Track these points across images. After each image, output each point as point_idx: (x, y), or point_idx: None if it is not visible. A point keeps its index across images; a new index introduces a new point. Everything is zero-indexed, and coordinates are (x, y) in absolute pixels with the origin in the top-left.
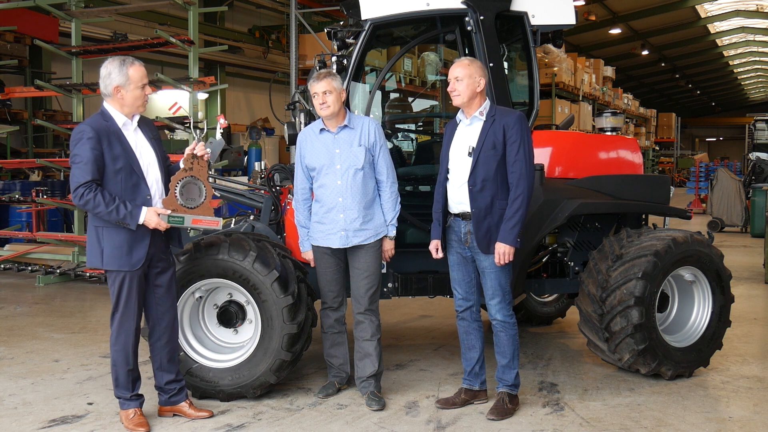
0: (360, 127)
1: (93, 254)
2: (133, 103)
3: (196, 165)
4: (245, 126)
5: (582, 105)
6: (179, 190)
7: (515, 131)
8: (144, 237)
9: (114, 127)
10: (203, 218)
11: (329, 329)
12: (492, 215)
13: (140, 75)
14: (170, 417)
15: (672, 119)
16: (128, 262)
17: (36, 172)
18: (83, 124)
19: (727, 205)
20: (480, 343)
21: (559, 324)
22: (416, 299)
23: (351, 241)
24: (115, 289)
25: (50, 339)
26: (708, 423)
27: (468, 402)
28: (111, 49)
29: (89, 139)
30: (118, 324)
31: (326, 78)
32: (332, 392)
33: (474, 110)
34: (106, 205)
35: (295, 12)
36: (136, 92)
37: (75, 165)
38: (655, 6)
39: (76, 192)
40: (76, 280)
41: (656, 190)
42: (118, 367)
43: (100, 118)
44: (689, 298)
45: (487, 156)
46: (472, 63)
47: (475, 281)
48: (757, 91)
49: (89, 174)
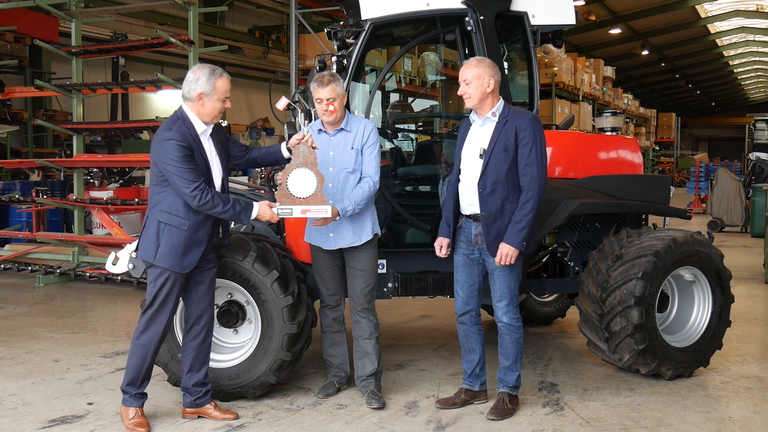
0: (356, 129)
1: (147, 247)
2: (210, 113)
3: (306, 155)
4: (245, 126)
5: (582, 105)
6: (291, 181)
7: (528, 133)
8: (201, 242)
9: (194, 134)
10: (312, 207)
11: (328, 328)
12: (502, 218)
13: (226, 88)
14: (194, 419)
15: (672, 119)
16: (180, 264)
17: (36, 172)
18: (171, 132)
19: (727, 205)
20: (480, 346)
21: (559, 324)
22: (416, 299)
23: (338, 244)
24: (156, 286)
25: (50, 339)
26: (708, 423)
27: (468, 402)
28: (111, 49)
29: (181, 147)
30: (149, 320)
31: (331, 84)
32: (332, 392)
33: (486, 111)
34: (223, 203)
35: (295, 12)
36: (217, 104)
37: (177, 169)
38: (655, 6)
39: (192, 195)
40: (76, 280)
41: (656, 190)
42: (134, 362)
43: (182, 125)
44: (689, 298)
45: (497, 158)
46: (481, 63)
47: (477, 285)
48: (757, 91)
49: (197, 175)
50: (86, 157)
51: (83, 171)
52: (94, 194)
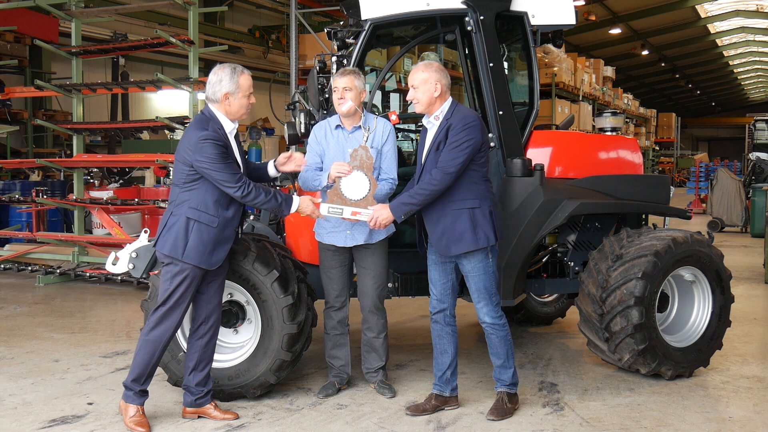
0: (374, 128)
1: (174, 243)
2: (237, 111)
3: (363, 158)
4: (245, 126)
5: (582, 105)
6: (344, 182)
7: (454, 130)
8: (229, 239)
9: (224, 134)
10: (361, 210)
11: (332, 330)
12: (445, 216)
13: (249, 84)
14: (194, 419)
15: (672, 119)
16: (208, 261)
17: (36, 172)
18: (207, 131)
19: (727, 205)
20: (452, 348)
21: (559, 324)
22: (416, 299)
23: (356, 240)
24: (174, 283)
25: (50, 339)
26: (708, 423)
27: (439, 408)
28: (111, 49)
29: (218, 145)
30: (161, 317)
31: (350, 75)
32: (332, 392)
33: (432, 114)
34: (265, 194)
35: (295, 12)
36: (242, 101)
37: (218, 166)
38: (655, 6)
39: (238, 187)
40: (76, 280)
41: (656, 190)
42: (141, 357)
43: (214, 125)
44: (689, 298)
45: (430, 160)
46: (427, 68)
47: (451, 283)
48: (757, 91)
49: (236, 169)
50: (86, 157)
51: (83, 171)
52: (94, 194)
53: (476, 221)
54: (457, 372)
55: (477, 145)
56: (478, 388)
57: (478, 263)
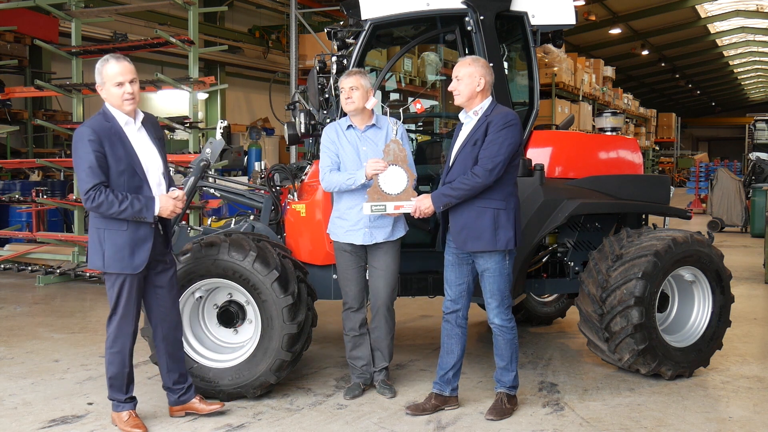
0: (386, 126)
1: (94, 256)
2: (115, 102)
3: (396, 152)
4: (245, 126)
5: (582, 105)
6: (382, 178)
7: (494, 127)
8: (147, 239)
9: (116, 128)
10: (404, 203)
11: (351, 332)
12: (469, 211)
13: (114, 72)
14: (181, 416)
15: (672, 119)
16: (130, 265)
17: (36, 172)
18: (83, 126)
19: (727, 205)
20: (459, 349)
21: (559, 324)
22: (416, 299)
23: (375, 238)
24: (115, 292)
25: (50, 339)
26: (708, 423)
27: (439, 408)
28: (111, 49)
29: (90, 141)
30: (117, 327)
31: (356, 75)
32: (358, 393)
33: (471, 109)
34: (119, 203)
35: (295, 12)
36: (114, 90)
37: (80, 170)
38: (655, 6)
39: (87, 196)
40: (76, 280)
41: (656, 190)
42: (114, 370)
43: (102, 118)
44: (689, 298)
45: (465, 153)
46: (474, 62)
47: (466, 285)
48: (757, 91)
49: (96, 177)
50: None
51: None
52: None
53: (499, 222)
54: (459, 374)
55: (516, 146)
56: (478, 388)
57: (494, 264)
